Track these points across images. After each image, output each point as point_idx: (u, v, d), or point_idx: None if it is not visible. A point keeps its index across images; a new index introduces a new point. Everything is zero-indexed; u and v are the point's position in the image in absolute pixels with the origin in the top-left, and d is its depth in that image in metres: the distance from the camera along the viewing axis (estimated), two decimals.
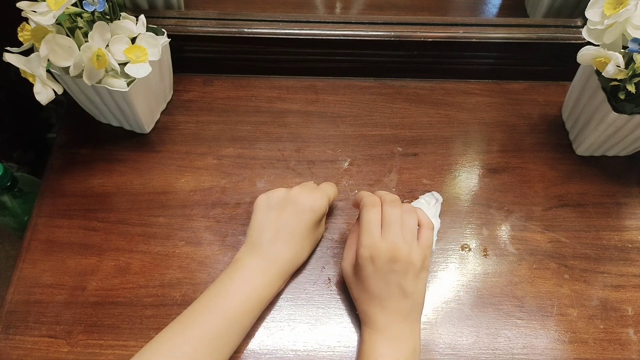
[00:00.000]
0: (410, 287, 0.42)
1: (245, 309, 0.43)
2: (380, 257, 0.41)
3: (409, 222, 0.43)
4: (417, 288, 0.43)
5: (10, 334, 0.46)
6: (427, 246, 0.44)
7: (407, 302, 0.42)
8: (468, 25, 0.63)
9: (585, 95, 0.56)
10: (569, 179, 0.58)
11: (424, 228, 0.45)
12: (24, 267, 0.50)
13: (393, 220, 0.43)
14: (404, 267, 0.42)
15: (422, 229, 0.45)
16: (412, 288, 0.42)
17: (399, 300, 0.42)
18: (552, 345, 0.47)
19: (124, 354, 0.45)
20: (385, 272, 0.42)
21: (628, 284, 0.51)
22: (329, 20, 0.63)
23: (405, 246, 0.42)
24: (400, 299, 0.42)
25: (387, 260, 0.41)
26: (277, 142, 0.60)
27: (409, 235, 0.43)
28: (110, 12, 0.50)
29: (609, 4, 0.48)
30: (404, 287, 0.42)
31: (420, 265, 0.42)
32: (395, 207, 0.43)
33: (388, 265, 0.41)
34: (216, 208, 0.54)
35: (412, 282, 0.42)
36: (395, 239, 0.42)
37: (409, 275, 0.42)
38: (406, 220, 0.43)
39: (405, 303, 0.42)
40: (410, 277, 0.42)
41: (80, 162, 0.57)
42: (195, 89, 0.65)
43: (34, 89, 0.47)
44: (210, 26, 0.62)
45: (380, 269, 0.42)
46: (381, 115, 0.63)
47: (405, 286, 0.42)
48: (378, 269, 0.42)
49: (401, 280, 0.42)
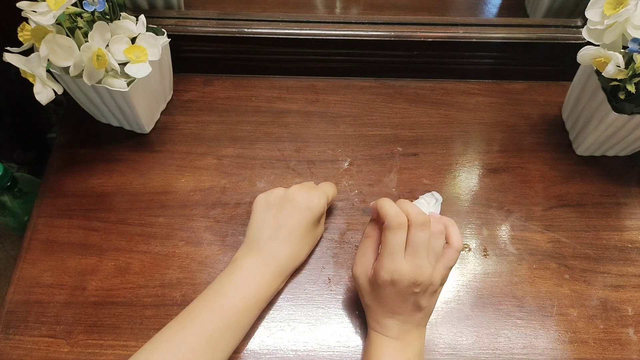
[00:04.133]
0: (425, 303, 0.42)
1: (243, 308, 0.43)
2: (403, 281, 0.40)
3: (435, 246, 0.42)
4: (431, 302, 0.43)
5: (10, 334, 0.46)
6: (450, 266, 0.43)
7: (420, 314, 0.42)
8: (468, 25, 0.63)
9: (585, 95, 0.56)
10: (569, 179, 0.58)
11: (451, 250, 0.43)
12: (24, 267, 0.50)
13: (420, 246, 0.40)
14: (424, 288, 0.41)
15: (449, 250, 0.43)
16: (427, 303, 0.42)
17: (413, 314, 0.42)
18: (552, 345, 0.47)
19: (124, 354, 0.45)
20: (405, 293, 0.41)
21: (628, 284, 0.51)
22: (329, 20, 0.63)
23: (428, 269, 0.41)
24: (415, 312, 0.42)
25: (409, 284, 0.40)
26: (277, 142, 0.60)
27: (433, 259, 0.41)
28: (110, 12, 0.50)
29: (609, 4, 0.48)
30: (420, 303, 0.42)
31: (438, 284, 0.42)
32: (424, 232, 0.41)
33: (409, 289, 0.41)
34: (216, 208, 0.54)
35: (428, 298, 0.42)
36: (420, 263, 0.40)
37: (427, 293, 0.41)
38: (433, 245, 0.41)
39: (419, 315, 0.42)
40: (427, 294, 0.42)
41: (80, 162, 0.57)
42: (195, 89, 0.65)
43: (34, 89, 0.47)
44: (210, 26, 0.62)
45: (402, 291, 0.41)
46: (381, 115, 0.63)
47: (421, 303, 0.42)
48: (399, 291, 0.41)
49: (419, 298, 0.41)
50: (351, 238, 0.53)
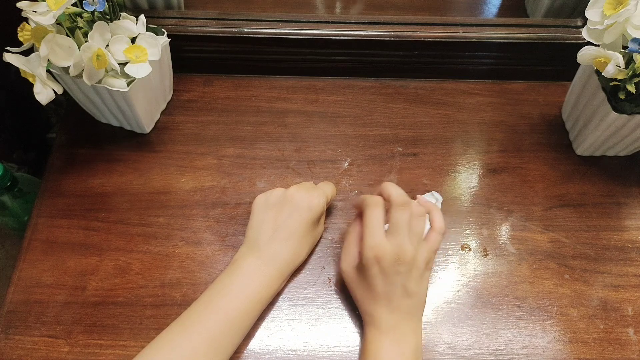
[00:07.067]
0: (413, 287, 0.42)
1: (244, 309, 0.43)
2: (386, 257, 0.41)
3: (417, 226, 0.43)
4: (420, 288, 0.43)
5: (10, 334, 0.46)
6: (433, 249, 0.44)
7: (410, 302, 0.42)
8: (468, 25, 0.63)
9: (585, 95, 0.56)
10: (569, 179, 0.58)
11: (434, 232, 0.44)
12: (24, 267, 0.50)
13: (400, 224, 0.42)
14: (408, 268, 0.42)
15: (432, 233, 0.44)
16: (416, 288, 0.42)
17: (403, 300, 0.42)
18: (552, 345, 0.47)
19: (124, 354, 0.45)
20: (390, 273, 0.42)
21: (628, 284, 0.51)
22: (329, 20, 0.63)
23: (410, 248, 0.42)
24: (404, 298, 0.42)
25: (392, 262, 0.41)
26: (277, 142, 0.60)
27: (415, 239, 0.42)
28: (110, 12, 0.50)
29: (609, 4, 0.48)
30: (408, 287, 0.42)
31: (424, 267, 0.43)
32: (404, 212, 0.42)
33: (393, 267, 0.41)
34: (216, 208, 0.54)
35: (415, 282, 0.42)
36: (401, 241, 0.42)
37: (412, 276, 0.42)
38: (414, 225, 0.43)
39: (409, 302, 0.42)
40: (414, 277, 0.42)
41: (80, 162, 0.57)
42: (195, 89, 0.65)
43: (34, 89, 0.47)
44: (210, 26, 0.62)
45: (386, 269, 0.42)
46: (381, 115, 0.63)
47: (408, 286, 0.42)
48: (383, 270, 0.42)
49: (405, 281, 0.42)
50: None
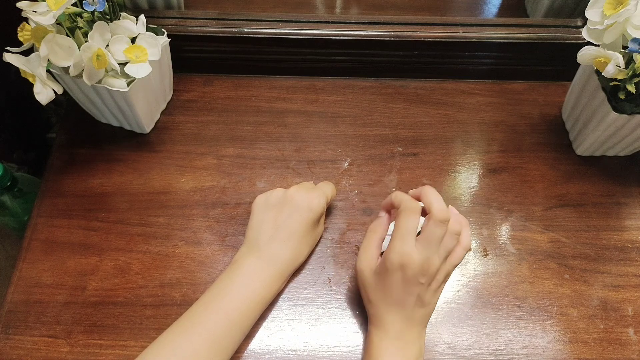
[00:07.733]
0: (429, 298, 0.42)
1: (245, 310, 0.43)
2: (411, 267, 0.40)
3: (449, 243, 0.42)
4: (434, 299, 0.43)
5: (10, 334, 0.46)
6: (456, 264, 0.43)
7: (423, 311, 0.42)
8: (468, 25, 0.63)
9: (585, 95, 0.56)
10: (569, 179, 0.58)
11: (460, 248, 0.43)
12: (24, 267, 0.50)
13: (434, 240, 0.41)
14: (429, 280, 0.41)
15: (458, 248, 0.43)
16: (431, 299, 0.42)
17: (416, 309, 0.42)
18: (552, 345, 0.47)
19: (124, 354, 0.45)
20: (411, 282, 0.41)
21: (628, 284, 0.51)
22: (329, 20, 0.63)
23: (437, 263, 0.41)
24: (418, 307, 0.42)
25: (416, 272, 0.41)
26: (277, 142, 0.60)
27: (443, 254, 0.42)
28: (110, 12, 0.50)
29: (609, 4, 0.48)
30: (424, 298, 0.42)
31: (442, 280, 0.42)
32: (441, 228, 0.41)
33: (415, 277, 0.41)
34: (216, 208, 0.54)
35: (432, 294, 0.42)
36: (431, 254, 0.41)
37: (431, 287, 0.42)
38: (446, 243, 0.42)
39: (422, 311, 0.42)
40: (432, 289, 0.42)
41: (80, 162, 0.57)
42: (195, 89, 0.65)
43: (34, 89, 0.47)
44: (210, 26, 0.62)
45: (408, 278, 0.41)
46: (381, 115, 0.63)
47: (424, 297, 0.42)
48: (406, 278, 0.41)
49: (423, 291, 0.42)
50: (351, 238, 0.53)
